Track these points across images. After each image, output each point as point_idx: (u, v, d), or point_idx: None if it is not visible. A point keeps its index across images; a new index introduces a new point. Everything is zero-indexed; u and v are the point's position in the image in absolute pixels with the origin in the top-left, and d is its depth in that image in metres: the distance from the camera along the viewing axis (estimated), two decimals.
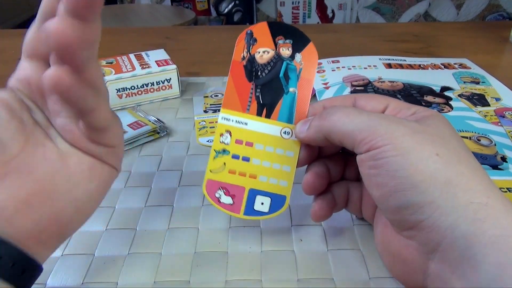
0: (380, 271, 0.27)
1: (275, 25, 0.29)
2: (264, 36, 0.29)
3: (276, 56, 0.29)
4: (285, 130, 0.28)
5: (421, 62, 0.57)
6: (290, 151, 0.28)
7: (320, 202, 0.27)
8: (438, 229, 0.20)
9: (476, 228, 0.19)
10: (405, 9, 2.25)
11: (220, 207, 0.27)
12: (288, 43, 0.29)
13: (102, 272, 0.27)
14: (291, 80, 0.29)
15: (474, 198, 0.19)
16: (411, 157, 0.21)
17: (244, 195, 0.27)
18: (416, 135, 0.22)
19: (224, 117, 0.28)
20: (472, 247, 0.19)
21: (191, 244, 0.29)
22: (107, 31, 0.80)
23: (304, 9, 2.27)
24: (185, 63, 0.60)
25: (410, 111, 0.25)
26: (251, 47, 0.29)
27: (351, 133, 0.23)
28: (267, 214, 0.27)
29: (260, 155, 0.28)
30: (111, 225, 0.31)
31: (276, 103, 0.28)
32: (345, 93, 0.48)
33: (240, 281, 0.27)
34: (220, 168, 0.28)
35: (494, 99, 0.46)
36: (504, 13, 2.21)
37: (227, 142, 0.28)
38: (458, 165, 0.21)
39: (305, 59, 0.29)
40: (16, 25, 1.57)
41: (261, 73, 0.29)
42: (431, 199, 0.20)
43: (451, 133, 0.23)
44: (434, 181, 0.20)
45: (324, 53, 0.61)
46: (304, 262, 0.28)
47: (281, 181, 0.28)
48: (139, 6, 1.74)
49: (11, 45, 0.69)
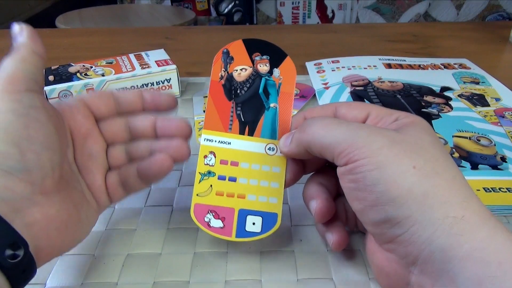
0: None
1: (250, 42, 0.29)
2: (241, 54, 0.29)
3: (254, 73, 0.29)
4: (270, 146, 0.28)
5: (421, 62, 0.57)
6: (277, 166, 0.28)
7: (336, 232, 0.26)
8: (415, 243, 0.20)
9: (453, 241, 0.19)
10: (405, 9, 2.25)
11: (211, 231, 0.26)
12: (265, 59, 0.29)
13: (102, 272, 0.27)
14: (271, 96, 0.28)
15: (450, 211, 0.19)
16: (387, 171, 0.21)
17: (234, 216, 0.27)
18: (394, 146, 0.21)
19: (207, 138, 0.28)
20: (450, 261, 0.19)
21: (190, 244, 0.29)
22: (107, 31, 0.80)
23: (304, 9, 2.27)
24: (185, 63, 0.60)
25: (392, 118, 0.25)
26: (228, 65, 0.29)
27: (330, 145, 0.23)
28: (260, 234, 0.27)
29: (246, 174, 0.27)
30: (111, 225, 0.31)
31: (258, 120, 0.28)
32: (344, 93, 0.48)
33: (240, 281, 0.27)
34: (207, 191, 0.27)
35: (494, 99, 0.46)
36: (504, 13, 2.21)
37: (211, 164, 0.28)
38: (435, 176, 0.20)
39: (283, 74, 0.29)
40: None
41: (240, 91, 0.28)
42: (408, 213, 0.20)
43: (431, 141, 0.22)
44: (411, 195, 0.20)
45: (324, 53, 0.61)
46: (304, 262, 0.28)
47: (270, 198, 0.27)
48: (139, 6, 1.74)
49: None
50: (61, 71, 0.46)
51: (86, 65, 0.48)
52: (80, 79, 0.45)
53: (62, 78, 0.45)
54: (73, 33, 0.78)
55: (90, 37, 0.75)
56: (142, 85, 0.47)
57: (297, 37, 0.73)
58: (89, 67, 0.47)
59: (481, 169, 0.35)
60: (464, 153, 0.37)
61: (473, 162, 0.36)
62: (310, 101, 0.48)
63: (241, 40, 0.29)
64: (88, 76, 0.45)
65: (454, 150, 0.37)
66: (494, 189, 0.32)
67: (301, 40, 0.72)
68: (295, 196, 0.33)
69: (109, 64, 0.48)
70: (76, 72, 0.46)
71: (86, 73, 0.46)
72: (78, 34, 0.77)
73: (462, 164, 0.35)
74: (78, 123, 0.27)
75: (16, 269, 0.20)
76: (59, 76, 0.45)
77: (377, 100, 0.46)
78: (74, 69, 0.47)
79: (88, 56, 0.57)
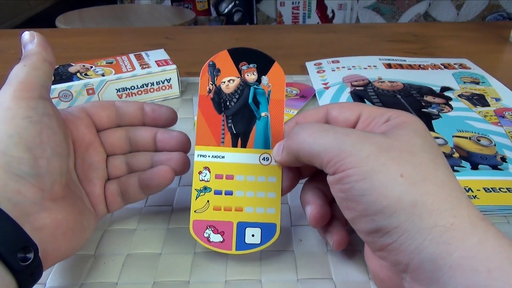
0: None
1: (236, 51, 0.29)
2: (227, 65, 0.28)
3: (242, 83, 0.28)
4: (263, 156, 0.28)
5: (421, 62, 0.57)
6: (272, 176, 0.27)
7: (336, 232, 0.26)
8: (405, 252, 0.20)
9: (442, 250, 0.19)
10: (405, 9, 2.25)
11: (211, 246, 0.26)
12: (252, 67, 0.28)
13: (102, 272, 0.27)
14: (261, 105, 0.28)
15: (439, 220, 0.19)
16: (374, 181, 0.20)
17: (233, 230, 0.27)
18: (382, 154, 0.21)
19: (200, 154, 0.28)
20: (439, 270, 0.19)
21: (190, 244, 0.29)
22: (107, 31, 0.80)
23: (304, 9, 2.27)
24: (185, 63, 0.60)
25: (383, 118, 0.24)
26: (215, 78, 0.28)
27: (318, 154, 0.23)
28: (260, 245, 0.27)
29: (242, 186, 0.27)
30: (111, 225, 0.31)
31: (249, 130, 0.28)
32: (344, 93, 0.48)
33: (240, 281, 0.27)
34: (204, 206, 0.27)
35: (494, 99, 0.46)
36: (504, 13, 2.21)
37: (207, 179, 0.27)
38: (424, 184, 0.20)
39: (272, 81, 0.28)
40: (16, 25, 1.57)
41: (229, 103, 0.28)
42: (397, 223, 0.20)
43: (420, 144, 0.22)
44: (399, 205, 0.20)
45: (324, 53, 0.61)
46: (304, 262, 0.28)
47: (268, 209, 0.27)
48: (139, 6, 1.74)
49: (11, 45, 0.69)
50: (61, 71, 0.46)
51: (86, 65, 0.48)
52: (80, 79, 0.45)
53: (62, 78, 0.45)
54: (73, 33, 0.78)
55: (90, 37, 0.75)
56: (142, 85, 0.47)
57: (297, 37, 0.73)
58: (89, 67, 0.47)
59: (481, 169, 0.35)
60: (464, 153, 0.37)
61: (473, 162, 0.36)
62: (310, 101, 0.48)
63: (226, 50, 0.29)
64: (88, 76, 0.45)
65: (454, 150, 0.37)
66: (494, 189, 0.32)
67: (301, 40, 0.72)
68: (295, 196, 0.33)
69: (109, 64, 0.48)
70: (76, 72, 0.46)
71: (86, 73, 0.46)
72: (78, 34, 0.77)
73: (462, 164, 0.35)
74: (81, 133, 0.28)
75: (26, 272, 0.20)
76: (59, 76, 0.45)
77: (377, 100, 0.46)
78: (74, 69, 0.47)
79: (88, 56, 0.57)
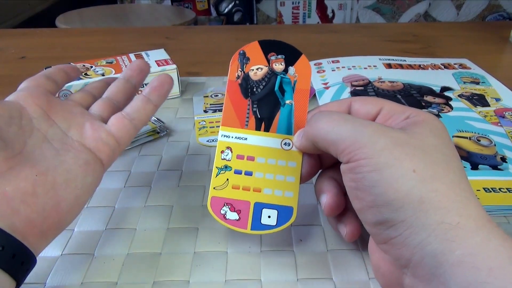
0: None
1: (266, 42, 0.30)
2: (257, 55, 0.30)
3: (270, 71, 0.29)
4: (285, 141, 0.28)
5: (421, 62, 0.57)
6: (292, 161, 0.28)
7: (349, 223, 0.26)
8: (408, 247, 0.20)
9: (445, 247, 0.19)
10: (405, 9, 2.25)
11: (227, 223, 0.27)
12: (280, 58, 0.30)
13: (102, 271, 0.27)
14: (286, 93, 0.29)
15: (445, 217, 0.19)
16: (386, 174, 0.20)
17: (250, 209, 0.27)
18: (396, 148, 0.21)
19: (224, 135, 0.29)
20: (441, 266, 0.19)
21: (190, 244, 0.29)
22: (107, 31, 0.80)
23: (304, 9, 2.27)
24: (185, 63, 0.60)
25: (404, 115, 0.24)
26: (244, 66, 0.29)
27: (334, 142, 0.23)
28: (275, 227, 0.27)
29: (262, 168, 0.28)
30: (111, 225, 0.31)
31: (273, 116, 0.29)
32: (345, 93, 0.48)
33: (240, 281, 0.27)
34: (224, 184, 0.28)
35: (494, 99, 0.46)
36: (504, 13, 2.21)
37: (228, 158, 0.28)
38: (434, 181, 0.20)
39: (298, 71, 0.29)
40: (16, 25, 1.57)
41: (256, 89, 0.29)
42: (403, 217, 0.20)
43: (436, 144, 0.22)
44: (408, 200, 0.20)
45: (324, 53, 0.61)
46: (304, 262, 0.28)
47: (286, 192, 0.28)
48: (139, 6, 1.74)
49: (11, 45, 0.69)
50: None
51: (86, 65, 0.48)
52: (80, 78, 0.45)
53: None
54: (73, 33, 0.78)
55: (90, 37, 0.75)
56: (142, 85, 0.47)
57: (297, 37, 0.73)
58: (89, 67, 0.47)
59: (481, 169, 0.35)
60: (464, 153, 0.37)
61: (473, 162, 0.36)
62: (310, 101, 0.48)
63: (257, 41, 0.30)
64: (88, 76, 0.45)
65: None
66: (494, 189, 0.32)
67: (301, 40, 0.72)
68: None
69: (109, 64, 0.48)
70: None
71: (86, 73, 0.46)
72: (78, 34, 0.77)
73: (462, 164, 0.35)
74: (35, 102, 0.27)
75: (7, 259, 0.20)
76: None
77: None
78: None
79: (88, 56, 0.57)
